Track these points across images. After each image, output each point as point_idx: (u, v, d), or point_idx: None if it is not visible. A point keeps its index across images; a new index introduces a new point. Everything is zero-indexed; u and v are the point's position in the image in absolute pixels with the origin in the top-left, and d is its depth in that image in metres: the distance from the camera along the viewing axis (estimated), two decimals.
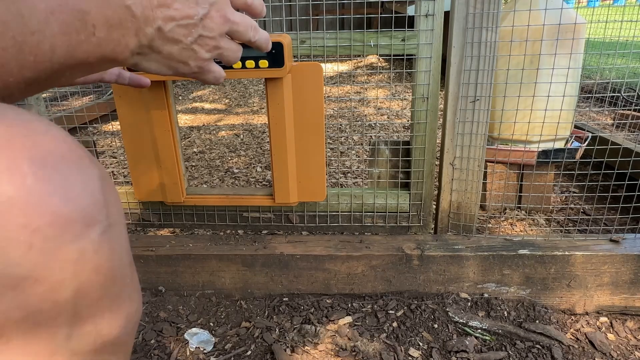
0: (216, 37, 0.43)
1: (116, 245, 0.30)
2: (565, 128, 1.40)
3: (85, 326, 0.29)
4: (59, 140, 0.28)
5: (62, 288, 0.27)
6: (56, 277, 0.26)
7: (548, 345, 0.95)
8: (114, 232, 0.30)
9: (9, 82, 0.30)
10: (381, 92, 3.43)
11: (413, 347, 0.95)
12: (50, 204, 0.26)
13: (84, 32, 0.32)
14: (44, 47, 0.30)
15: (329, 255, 1.08)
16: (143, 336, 1.00)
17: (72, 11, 0.31)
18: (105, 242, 0.29)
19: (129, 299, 0.33)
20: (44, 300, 0.26)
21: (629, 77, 2.81)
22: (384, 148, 1.15)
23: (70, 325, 0.28)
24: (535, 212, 1.51)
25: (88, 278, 0.28)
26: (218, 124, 2.74)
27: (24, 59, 0.30)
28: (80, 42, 0.32)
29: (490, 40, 1.00)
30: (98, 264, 0.29)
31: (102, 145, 2.35)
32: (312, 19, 5.18)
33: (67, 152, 0.28)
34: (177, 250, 1.11)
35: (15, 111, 0.27)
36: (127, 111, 1.04)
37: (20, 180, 0.25)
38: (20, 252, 0.25)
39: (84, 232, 0.27)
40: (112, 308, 0.31)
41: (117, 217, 0.31)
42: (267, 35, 0.51)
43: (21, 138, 0.26)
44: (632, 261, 1.02)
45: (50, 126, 0.29)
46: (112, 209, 0.30)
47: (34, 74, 0.31)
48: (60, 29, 0.31)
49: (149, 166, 1.09)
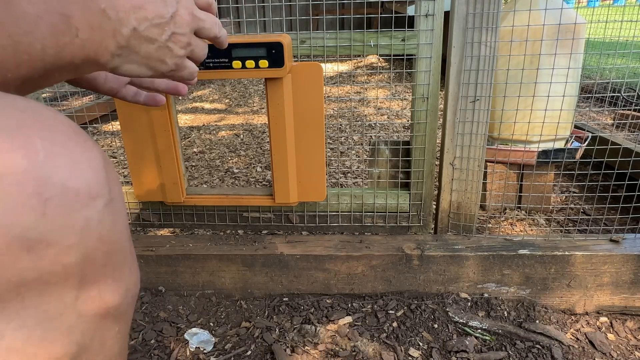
0: (187, 33, 0.45)
1: (117, 218, 0.34)
2: (565, 128, 1.40)
3: (91, 290, 0.32)
4: (65, 125, 0.32)
5: (71, 252, 0.30)
6: (66, 242, 0.29)
7: (548, 345, 0.95)
8: (115, 206, 0.33)
9: (7, 78, 0.33)
10: (381, 92, 3.43)
11: (413, 347, 0.95)
12: (61, 176, 0.29)
13: (69, 35, 0.35)
14: (37, 47, 0.33)
15: (329, 255, 1.08)
16: (143, 336, 1.00)
17: (57, 14, 0.34)
18: (108, 214, 0.32)
19: (129, 270, 0.37)
20: (55, 263, 0.29)
21: (629, 77, 2.81)
22: (384, 148, 1.15)
23: (77, 288, 0.31)
24: (535, 212, 1.51)
25: (93, 245, 0.31)
26: (218, 124, 2.74)
27: (20, 57, 0.33)
28: (66, 44, 0.35)
29: (490, 40, 1.00)
30: (102, 233, 0.32)
31: (102, 145, 2.35)
32: (312, 19, 5.18)
33: (73, 134, 0.32)
34: (177, 250, 1.11)
35: (25, 100, 0.31)
36: (127, 111, 1.04)
37: (34, 156, 0.28)
38: (34, 218, 0.27)
39: (89, 203, 0.31)
40: (114, 276, 0.34)
41: (117, 194, 0.34)
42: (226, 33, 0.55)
43: (33, 121, 0.29)
44: (632, 261, 1.02)
45: (57, 113, 0.32)
46: (113, 186, 0.33)
47: (28, 71, 0.34)
48: (48, 31, 0.34)
49: (148, 166, 1.09)
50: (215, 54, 0.92)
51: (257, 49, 0.92)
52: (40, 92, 1.19)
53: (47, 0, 0.34)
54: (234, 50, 0.92)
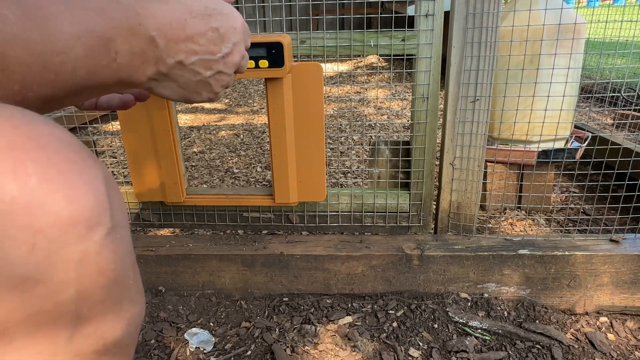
0: (232, 74, 0.44)
1: (119, 248, 0.31)
2: (565, 128, 1.40)
3: (88, 328, 0.30)
4: (63, 142, 0.29)
5: (65, 289, 0.27)
6: (59, 278, 0.26)
7: (548, 345, 0.95)
8: (117, 234, 0.30)
9: (27, 97, 0.31)
10: (381, 92, 3.43)
11: (413, 347, 0.95)
12: (54, 204, 0.26)
13: (106, 58, 0.33)
14: (67, 68, 0.31)
15: (329, 255, 1.08)
16: (143, 336, 1.00)
17: (98, 37, 0.32)
18: (109, 244, 0.29)
19: (132, 301, 0.34)
20: (46, 301, 0.26)
21: (629, 77, 2.81)
22: (384, 148, 1.15)
23: (72, 326, 0.28)
24: (535, 212, 1.51)
25: (90, 280, 0.28)
26: (218, 124, 2.74)
27: (46, 77, 0.30)
28: (101, 67, 0.33)
29: (490, 40, 1.00)
30: (101, 265, 0.29)
31: (102, 145, 2.35)
32: (312, 19, 5.18)
33: (71, 154, 0.28)
34: (177, 250, 1.11)
35: (21, 112, 0.28)
36: (127, 111, 1.04)
37: (24, 181, 0.25)
38: (23, 252, 0.25)
39: (87, 234, 0.28)
40: (114, 310, 0.31)
41: (120, 220, 0.31)
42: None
43: (26, 139, 0.26)
44: (632, 261, 1.02)
45: (55, 128, 0.29)
46: (115, 211, 0.30)
47: (52, 91, 0.32)
48: (84, 52, 0.32)
49: (149, 166, 1.09)
50: None
51: (257, 49, 0.92)
52: None
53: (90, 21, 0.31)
54: None
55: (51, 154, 0.27)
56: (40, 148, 0.27)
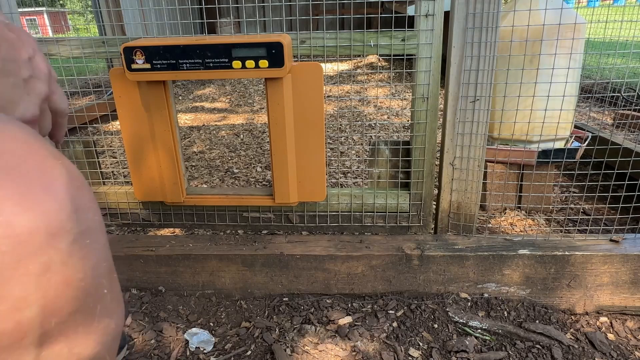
0: (45, 82, 0.41)
1: (90, 254, 0.28)
2: (565, 128, 1.40)
3: (57, 345, 0.27)
4: (17, 140, 0.26)
5: (26, 306, 0.24)
6: (17, 294, 0.24)
7: (548, 345, 0.95)
8: (86, 239, 0.27)
9: None
10: (381, 92, 3.43)
11: (413, 347, 0.95)
12: (6, 213, 0.23)
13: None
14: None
15: (329, 255, 1.08)
16: (143, 336, 1.00)
17: None
18: (76, 251, 0.26)
19: (107, 310, 0.31)
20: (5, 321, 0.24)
21: (629, 77, 2.81)
22: (384, 148, 1.15)
23: (38, 346, 0.26)
24: (535, 212, 1.51)
25: (56, 293, 0.26)
26: (218, 123, 2.74)
27: None
28: None
29: (490, 40, 1.00)
30: (68, 276, 0.26)
31: (102, 145, 2.35)
32: (312, 19, 5.17)
33: (26, 153, 0.25)
34: (177, 250, 1.11)
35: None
36: (127, 111, 1.04)
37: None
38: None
39: (49, 243, 0.25)
40: (86, 323, 0.28)
41: (91, 223, 0.28)
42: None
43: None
44: (632, 261, 1.02)
45: (9, 123, 0.26)
46: (84, 214, 0.28)
47: None
48: None
49: (149, 166, 1.09)
50: (215, 54, 0.92)
51: (257, 49, 0.92)
52: None
53: None
54: (234, 50, 0.92)
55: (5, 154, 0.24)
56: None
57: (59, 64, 1.08)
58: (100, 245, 0.29)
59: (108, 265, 0.31)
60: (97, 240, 0.29)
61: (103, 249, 0.30)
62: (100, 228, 0.30)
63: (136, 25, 3.68)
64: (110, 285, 0.31)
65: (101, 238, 0.30)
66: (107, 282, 0.31)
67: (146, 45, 0.93)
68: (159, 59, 0.94)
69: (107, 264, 0.31)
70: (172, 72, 0.95)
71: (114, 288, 0.32)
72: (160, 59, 0.94)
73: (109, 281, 0.31)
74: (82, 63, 1.10)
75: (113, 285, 0.32)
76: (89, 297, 0.28)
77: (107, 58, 1.78)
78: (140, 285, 1.13)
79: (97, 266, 0.29)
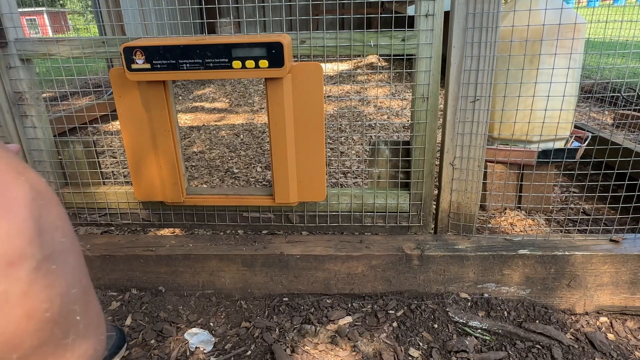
0: None
1: (57, 281, 0.25)
2: (565, 128, 1.40)
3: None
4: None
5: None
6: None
7: (548, 345, 0.95)
8: (52, 264, 0.25)
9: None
10: (381, 92, 3.43)
11: (413, 347, 0.95)
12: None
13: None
14: None
15: (329, 255, 1.08)
16: (143, 336, 1.00)
17: None
18: (39, 279, 0.24)
19: (82, 337, 0.28)
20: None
21: (629, 77, 2.81)
22: (384, 148, 1.15)
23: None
24: (535, 212, 1.51)
25: (18, 326, 0.23)
26: (218, 124, 2.74)
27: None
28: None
29: (490, 40, 1.00)
30: (30, 307, 0.23)
31: (102, 145, 2.35)
32: (312, 19, 5.16)
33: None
34: (177, 250, 1.11)
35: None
36: (127, 111, 1.04)
37: None
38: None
39: (5, 273, 0.22)
40: (57, 353, 0.26)
41: (59, 245, 0.26)
42: None
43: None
44: (632, 261, 1.02)
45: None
46: (50, 235, 0.25)
47: None
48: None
49: (149, 166, 1.09)
50: (215, 53, 0.92)
51: (257, 49, 0.92)
52: (40, 91, 1.19)
53: None
54: (234, 50, 0.92)
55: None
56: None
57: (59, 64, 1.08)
58: (70, 268, 0.26)
59: (81, 288, 0.28)
60: (67, 263, 0.26)
61: (74, 272, 0.27)
62: (72, 249, 0.27)
63: (136, 25, 3.69)
64: (84, 310, 0.28)
65: (71, 260, 0.27)
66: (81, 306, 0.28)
67: (146, 45, 0.93)
68: (159, 59, 0.94)
69: (80, 287, 0.28)
70: (172, 72, 0.95)
71: (89, 311, 0.29)
72: (160, 59, 0.94)
73: (83, 305, 0.28)
74: (82, 63, 1.10)
75: (89, 309, 0.29)
76: (58, 327, 0.25)
77: (107, 58, 1.78)
78: (140, 285, 1.13)
79: (67, 292, 0.26)
